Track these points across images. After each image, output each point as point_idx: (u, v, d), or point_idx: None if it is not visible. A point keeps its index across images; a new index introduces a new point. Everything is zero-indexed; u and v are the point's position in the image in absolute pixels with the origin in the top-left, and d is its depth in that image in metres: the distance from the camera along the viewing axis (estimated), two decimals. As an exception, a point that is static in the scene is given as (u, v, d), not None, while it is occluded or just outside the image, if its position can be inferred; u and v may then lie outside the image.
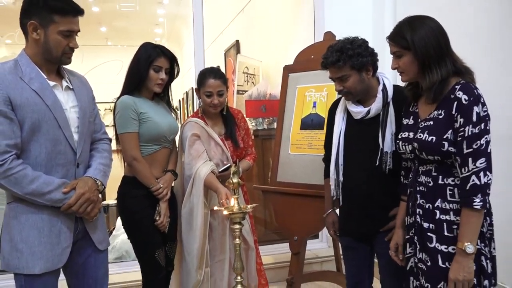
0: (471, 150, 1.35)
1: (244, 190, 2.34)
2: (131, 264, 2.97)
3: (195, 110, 2.42)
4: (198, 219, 2.02)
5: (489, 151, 1.35)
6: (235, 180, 1.59)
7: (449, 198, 1.43)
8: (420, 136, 1.46)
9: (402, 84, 1.62)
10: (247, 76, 4.47)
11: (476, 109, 1.35)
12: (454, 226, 1.41)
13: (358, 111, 1.75)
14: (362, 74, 1.69)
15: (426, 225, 1.47)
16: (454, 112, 1.38)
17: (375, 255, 1.84)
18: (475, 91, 1.38)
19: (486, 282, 1.40)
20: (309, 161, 2.48)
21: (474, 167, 1.34)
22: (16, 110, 1.38)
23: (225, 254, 2.13)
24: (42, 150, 1.43)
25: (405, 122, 1.59)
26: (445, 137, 1.40)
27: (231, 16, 5.21)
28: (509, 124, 2.20)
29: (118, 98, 1.99)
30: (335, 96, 1.89)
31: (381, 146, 1.70)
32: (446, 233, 1.42)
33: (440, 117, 1.43)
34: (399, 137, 1.57)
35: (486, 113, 1.37)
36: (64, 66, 1.57)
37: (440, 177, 1.45)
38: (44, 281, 1.46)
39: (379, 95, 1.72)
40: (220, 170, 2.11)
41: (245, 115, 2.49)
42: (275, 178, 2.65)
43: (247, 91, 4.08)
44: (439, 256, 1.43)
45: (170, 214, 2.04)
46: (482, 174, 1.34)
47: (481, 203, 1.33)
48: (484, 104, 1.37)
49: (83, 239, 1.57)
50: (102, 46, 7.80)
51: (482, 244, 1.40)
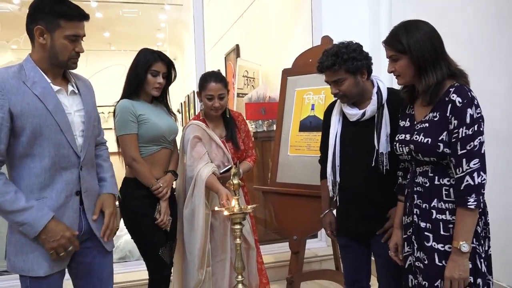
0: (465, 151, 1.35)
1: (245, 191, 2.34)
2: (135, 264, 2.97)
3: (197, 113, 2.42)
4: (200, 220, 2.02)
5: (482, 152, 1.35)
6: (236, 181, 1.59)
7: (445, 198, 1.43)
8: (416, 138, 1.46)
9: (398, 87, 1.62)
10: (247, 79, 4.47)
11: (469, 111, 1.35)
12: (450, 225, 1.41)
13: (353, 113, 1.75)
14: (357, 78, 1.69)
15: (423, 224, 1.47)
16: (448, 114, 1.38)
17: (372, 254, 1.84)
18: (469, 94, 1.38)
19: (480, 281, 1.40)
20: (307, 162, 2.48)
21: (468, 168, 1.34)
22: (16, 115, 1.36)
23: (226, 254, 2.13)
24: (45, 154, 1.42)
25: (401, 124, 1.59)
26: (440, 138, 1.40)
27: (231, 21, 5.21)
28: (503, 125, 2.19)
29: (118, 101, 2.01)
30: (333, 98, 1.89)
31: (376, 147, 1.70)
32: (442, 232, 1.42)
33: (435, 119, 1.43)
34: (396, 139, 1.57)
35: (479, 115, 1.37)
36: (70, 70, 1.56)
37: (436, 177, 1.45)
38: (49, 282, 1.45)
39: (374, 98, 1.72)
40: (221, 172, 2.11)
41: (245, 118, 2.49)
42: (275, 179, 2.65)
43: (247, 94, 4.09)
44: (436, 254, 1.43)
45: (170, 213, 2.04)
46: (476, 175, 1.33)
47: (475, 203, 1.33)
48: (477, 106, 1.37)
49: (89, 240, 1.57)
50: (106, 50, 7.81)
51: (477, 243, 1.40)
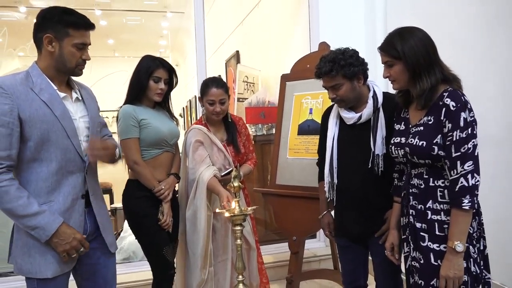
0: (459, 153, 1.35)
1: (245, 193, 2.34)
2: (138, 264, 2.97)
3: (199, 117, 2.42)
4: (202, 221, 2.02)
5: (476, 154, 1.36)
6: (236, 183, 1.59)
7: (439, 199, 1.43)
8: (411, 141, 1.47)
9: (394, 91, 1.63)
10: (247, 84, 4.48)
11: (463, 114, 1.35)
12: (445, 226, 1.41)
13: (350, 117, 1.75)
14: (353, 83, 1.69)
15: (418, 225, 1.47)
16: (442, 117, 1.39)
17: (370, 254, 1.84)
18: (462, 98, 1.38)
19: (472, 280, 1.40)
20: (306, 164, 2.49)
21: (462, 170, 1.34)
22: (24, 121, 1.37)
23: (227, 254, 2.13)
24: (53, 159, 1.42)
25: (396, 127, 1.60)
26: (434, 141, 1.40)
27: (231, 28, 5.22)
28: (496, 128, 2.20)
29: (121, 107, 2.02)
30: (330, 103, 1.89)
31: (372, 149, 1.70)
32: (437, 232, 1.42)
33: (429, 122, 1.43)
34: (392, 142, 1.58)
35: (473, 118, 1.37)
36: (73, 78, 1.58)
37: (431, 179, 1.45)
38: (56, 283, 1.45)
39: (370, 101, 1.73)
40: (222, 174, 2.11)
41: (245, 122, 2.50)
42: (274, 181, 2.65)
43: (247, 99, 4.09)
44: (431, 254, 1.43)
45: (172, 215, 2.05)
46: (470, 176, 1.34)
47: (469, 204, 1.34)
48: (471, 110, 1.37)
49: (94, 242, 1.57)
50: (110, 57, 7.80)
51: (468, 243, 1.40)
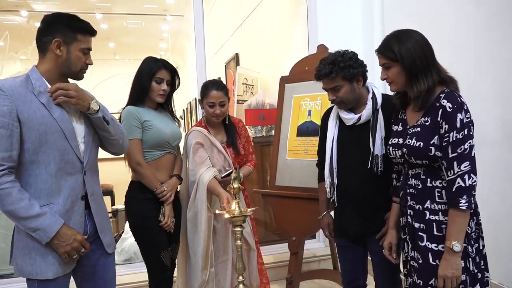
0: (456, 154, 1.35)
1: (245, 194, 2.34)
2: (140, 265, 2.96)
3: (199, 119, 2.42)
4: (203, 222, 2.02)
5: (472, 155, 1.36)
6: (236, 185, 1.59)
7: (437, 200, 1.43)
8: (408, 142, 1.47)
9: (391, 93, 1.63)
10: (246, 86, 4.48)
11: (459, 116, 1.35)
12: (443, 226, 1.41)
13: (349, 118, 1.76)
14: (353, 84, 1.70)
15: (417, 225, 1.47)
16: (439, 119, 1.39)
17: (369, 254, 1.84)
18: (459, 99, 1.38)
19: (470, 279, 1.40)
20: (305, 165, 2.49)
21: (459, 170, 1.34)
22: (23, 122, 1.38)
23: (228, 255, 2.13)
24: (51, 160, 1.42)
25: (394, 128, 1.60)
26: (431, 142, 1.40)
27: (231, 31, 5.23)
28: (492, 128, 2.20)
29: (124, 108, 2.01)
30: (329, 104, 1.89)
31: (371, 150, 1.71)
32: (435, 232, 1.42)
33: (426, 123, 1.44)
34: (390, 143, 1.58)
35: (469, 119, 1.37)
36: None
37: (428, 180, 1.45)
38: (57, 284, 1.45)
39: (369, 103, 1.73)
40: (222, 176, 2.11)
41: (244, 123, 2.50)
42: (274, 182, 2.65)
43: (247, 101, 4.09)
44: (430, 254, 1.43)
45: (174, 216, 2.04)
46: (467, 177, 1.34)
47: (466, 204, 1.34)
48: (467, 111, 1.38)
49: (93, 243, 1.56)
50: (111, 60, 7.81)
51: (466, 243, 1.40)
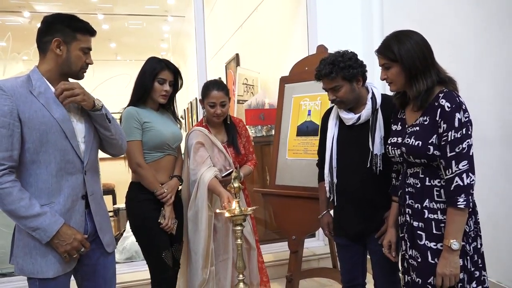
0: (454, 153, 1.35)
1: (245, 193, 2.34)
2: (141, 264, 2.96)
3: (199, 119, 2.42)
4: (203, 221, 2.02)
5: (471, 154, 1.36)
6: (236, 184, 1.59)
7: (436, 199, 1.43)
8: (407, 141, 1.47)
9: (390, 93, 1.63)
10: (247, 87, 4.48)
11: (458, 115, 1.36)
12: (442, 225, 1.41)
13: (349, 118, 1.76)
14: (353, 84, 1.70)
15: (415, 223, 1.47)
16: (438, 118, 1.39)
17: (368, 252, 1.84)
18: (457, 99, 1.38)
19: (467, 277, 1.40)
20: (305, 165, 2.49)
21: (458, 169, 1.35)
22: (24, 122, 1.38)
23: (228, 254, 2.13)
24: (51, 160, 1.42)
25: (393, 128, 1.60)
26: (430, 141, 1.41)
27: (231, 31, 5.23)
28: (490, 128, 2.20)
29: (125, 108, 2.00)
30: (328, 104, 1.89)
31: (371, 149, 1.71)
32: (434, 231, 1.42)
33: (425, 123, 1.44)
34: (389, 142, 1.58)
35: (467, 119, 1.37)
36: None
37: (427, 178, 1.45)
38: (57, 283, 1.45)
39: (369, 103, 1.74)
40: (222, 175, 2.11)
41: (245, 123, 2.50)
42: (274, 181, 2.65)
43: (247, 101, 4.09)
44: (429, 252, 1.43)
45: (176, 216, 2.03)
46: (465, 176, 1.34)
47: (464, 203, 1.34)
48: (465, 110, 1.38)
49: (93, 242, 1.56)
50: (112, 60, 7.80)
51: (465, 241, 1.40)
